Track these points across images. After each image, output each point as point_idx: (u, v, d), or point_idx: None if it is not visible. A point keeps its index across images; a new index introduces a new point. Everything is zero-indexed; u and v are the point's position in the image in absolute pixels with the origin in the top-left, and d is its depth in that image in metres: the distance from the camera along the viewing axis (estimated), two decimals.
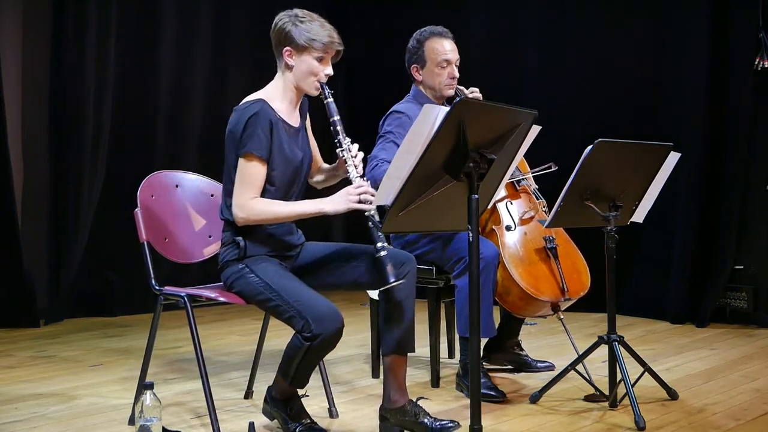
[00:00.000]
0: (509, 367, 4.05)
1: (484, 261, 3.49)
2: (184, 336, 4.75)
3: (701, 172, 5.36)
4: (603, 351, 3.45)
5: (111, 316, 5.55)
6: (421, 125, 2.54)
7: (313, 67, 3.03)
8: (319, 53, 3.02)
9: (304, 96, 3.13)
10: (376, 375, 3.91)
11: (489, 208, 3.26)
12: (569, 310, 3.78)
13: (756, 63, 5.15)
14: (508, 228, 3.78)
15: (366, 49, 6.86)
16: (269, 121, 2.96)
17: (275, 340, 4.66)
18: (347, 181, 3.01)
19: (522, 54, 6.19)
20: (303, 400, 3.06)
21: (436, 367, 3.78)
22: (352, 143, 3.04)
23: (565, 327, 3.69)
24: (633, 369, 3.39)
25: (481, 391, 2.70)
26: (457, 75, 3.79)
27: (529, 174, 3.95)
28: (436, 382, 3.77)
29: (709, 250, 5.35)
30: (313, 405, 3.26)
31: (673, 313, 5.42)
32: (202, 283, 3.34)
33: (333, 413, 3.32)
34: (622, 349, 3.35)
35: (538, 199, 3.97)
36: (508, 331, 4.02)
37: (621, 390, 3.32)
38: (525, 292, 3.62)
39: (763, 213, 5.27)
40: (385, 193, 2.60)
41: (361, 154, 3.04)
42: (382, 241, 2.89)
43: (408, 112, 3.71)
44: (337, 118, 3.03)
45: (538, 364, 4.04)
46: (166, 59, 5.93)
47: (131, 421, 3.16)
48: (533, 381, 3.83)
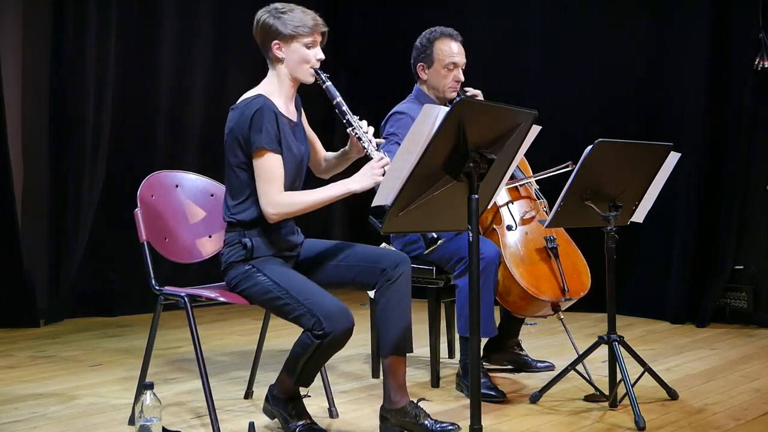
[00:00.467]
0: (509, 367, 4.05)
1: (485, 261, 3.49)
2: (184, 336, 4.74)
3: (701, 172, 5.36)
4: (603, 351, 3.45)
5: (111, 316, 5.54)
6: (421, 125, 2.54)
7: (304, 54, 3.04)
8: (307, 39, 3.03)
9: (298, 94, 3.14)
10: (376, 375, 3.91)
11: (490, 208, 3.26)
12: (569, 310, 3.78)
13: (756, 63, 5.15)
14: (509, 228, 3.78)
15: (368, 50, 6.86)
16: (274, 113, 2.96)
17: (275, 340, 4.66)
18: (354, 168, 3.01)
19: (524, 54, 6.19)
20: (304, 401, 3.06)
21: (436, 367, 3.78)
22: (360, 120, 3.05)
23: (565, 327, 3.69)
24: (633, 369, 3.39)
25: (481, 391, 2.70)
26: (462, 79, 3.79)
27: (534, 179, 3.95)
28: (436, 382, 3.77)
29: (709, 250, 5.34)
30: (313, 405, 3.26)
31: (673, 313, 5.42)
32: (202, 283, 3.34)
33: (333, 413, 3.32)
34: (622, 349, 3.35)
35: (538, 199, 3.97)
36: (508, 331, 4.02)
37: (621, 390, 3.32)
38: (526, 291, 3.62)
39: (763, 213, 5.27)
40: (385, 193, 2.60)
41: (372, 129, 3.06)
42: None
43: (410, 112, 3.71)
44: (339, 99, 3.06)
45: (538, 364, 4.04)
46: (166, 59, 5.93)
47: (131, 421, 3.16)
48: (533, 381, 3.83)
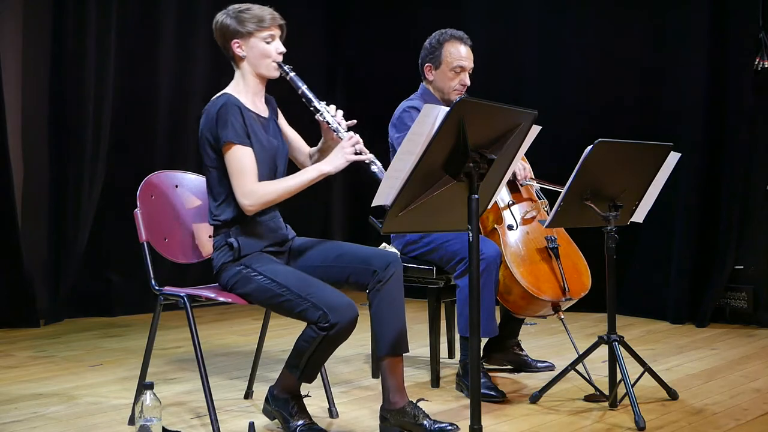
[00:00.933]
0: (509, 367, 4.05)
1: (486, 261, 3.49)
2: (184, 336, 4.74)
3: (701, 172, 5.36)
4: (603, 351, 3.45)
5: (111, 316, 5.54)
6: (421, 125, 2.54)
7: (264, 48, 3.07)
8: (264, 33, 3.06)
9: (271, 96, 3.17)
10: (376, 375, 3.91)
11: (490, 208, 3.26)
12: (569, 310, 3.78)
13: (756, 63, 5.15)
14: (510, 227, 3.79)
15: (366, 50, 6.86)
16: (238, 107, 3.00)
17: (275, 339, 4.67)
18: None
19: (522, 54, 6.19)
20: (304, 401, 3.06)
21: (436, 367, 3.78)
22: (328, 105, 3.07)
23: (565, 327, 3.69)
24: (633, 369, 3.39)
25: (481, 391, 2.70)
26: (468, 83, 3.79)
27: (535, 184, 3.96)
28: (436, 382, 3.77)
29: (709, 250, 5.34)
30: (313, 405, 3.26)
31: (673, 313, 5.42)
32: (202, 283, 3.34)
33: (333, 413, 3.32)
34: (622, 349, 3.35)
35: (539, 198, 3.98)
36: (508, 331, 4.02)
37: (621, 390, 3.32)
38: (526, 291, 3.62)
39: (763, 213, 5.27)
40: (385, 193, 2.60)
41: (340, 112, 3.07)
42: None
43: (419, 106, 3.72)
44: (304, 87, 3.07)
45: (538, 364, 4.04)
46: (166, 59, 5.93)
47: (131, 421, 3.16)
48: (533, 381, 3.83)
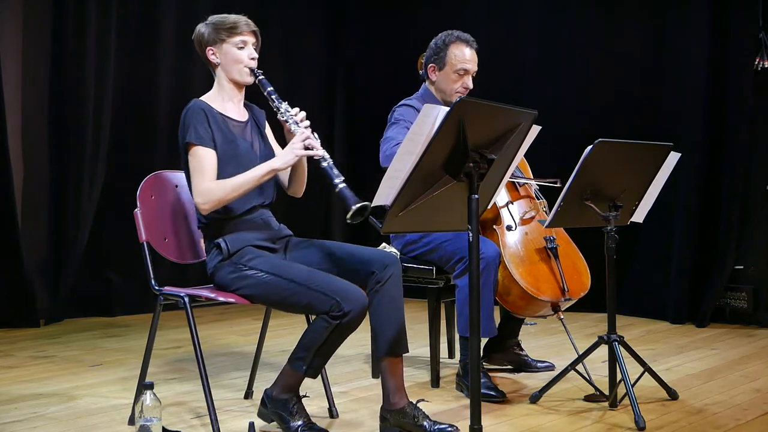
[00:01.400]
0: (509, 367, 4.05)
1: (485, 261, 3.49)
2: (184, 336, 4.75)
3: (701, 172, 5.37)
4: (603, 351, 3.45)
5: (111, 316, 5.55)
6: (421, 125, 2.54)
7: (236, 54, 3.14)
8: (235, 39, 3.13)
9: (258, 108, 3.22)
10: (376, 375, 3.91)
11: (490, 208, 3.26)
12: (569, 310, 3.78)
13: (756, 63, 5.15)
14: (509, 228, 3.78)
15: (365, 49, 6.86)
16: (202, 111, 3.06)
17: (275, 339, 4.67)
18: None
19: (522, 54, 6.19)
20: (303, 401, 3.06)
21: (436, 367, 3.78)
22: (290, 107, 3.10)
23: (565, 327, 3.68)
24: (633, 369, 3.39)
25: (481, 391, 2.70)
26: (470, 87, 3.79)
27: (533, 182, 3.96)
28: (436, 382, 3.77)
29: (709, 250, 5.35)
30: (313, 405, 3.26)
31: (673, 313, 5.42)
32: (202, 283, 3.34)
33: (333, 413, 3.32)
34: (622, 349, 3.35)
35: (538, 199, 3.97)
36: (508, 331, 4.02)
37: (621, 390, 3.32)
38: (525, 291, 3.62)
39: (763, 213, 5.27)
40: (385, 193, 2.60)
41: (303, 114, 3.09)
42: (338, 177, 2.92)
43: (417, 106, 3.72)
44: (270, 89, 3.11)
45: (538, 364, 4.04)
46: (166, 59, 5.93)
47: (131, 421, 3.16)
48: (533, 381, 3.83)
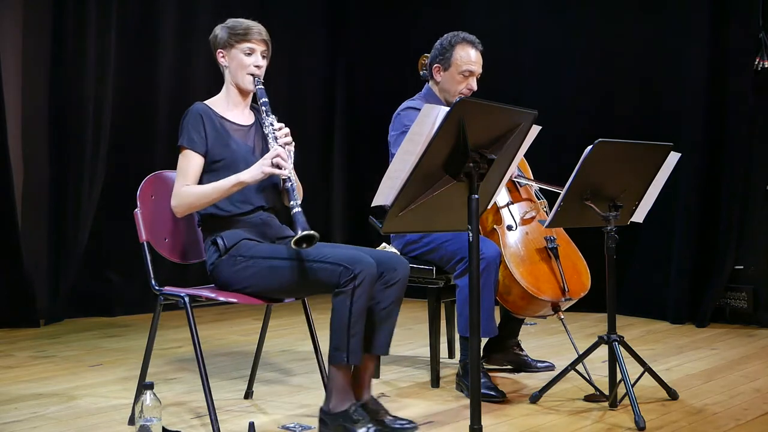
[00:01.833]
0: (509, 367, 4.05)
1: (485, 261, 3.49)
2: (184, 336, 4.74)
3: (701, 173, 5.36)
4: (603, 351, 3.45)
5: (111, 316, 5.54)
6: (421, 125, 2.54)
7: (242, 60, 3.17)
8: (244, 45, 3.16)
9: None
10: (376, 375, 3.90)
11: (490, 208, 3.26)
12: (569, 310, 3.78)
13: (756, 63, 5.15)
14: (510, 228, 3.78)
15: (365, 49, 6.86)
16: (200, 116, 3.09)
17: (275, 339, 4.67)
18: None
19: (521, 54, 6.19)
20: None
21: (436, 367, 3.78)
22: (277, 122, 3.12)
23: (565, 327, 3.68)
24: (633, 369, 3.39)
25: (481, 391, 2.70)
26: (474, 88, 3.79)
27: (534, 184, 3.96)
28: (436, 382, 3.77)
29: (709, 250, 5.35)
30: (313, 405, 3.26)
31: (673, 313, 5.42)
32: (202, 283, 3.34)
33: None
34: (622, 349, 3.34)
35: (539, 199, 3.97)
36: (508, 331, 4.02)
37: (621, 390, 3.32)
38: (526, 291, 3.62)
39: (763, 213, 5.27)
40: (385, 193, 2.60)
41: (286, 130, 3.11)
42: (295, 200, 2.94)
43: (420, 108, 3.71)
44: (264, 100, 3.14)
45: (538, 364, 4.04)
46: (166, 59, 5.93)
47: (131, 421, 3.16)
48: (533, 381, 3.83)
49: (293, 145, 3.12)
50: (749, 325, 5.22)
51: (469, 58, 3.77)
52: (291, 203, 2.95)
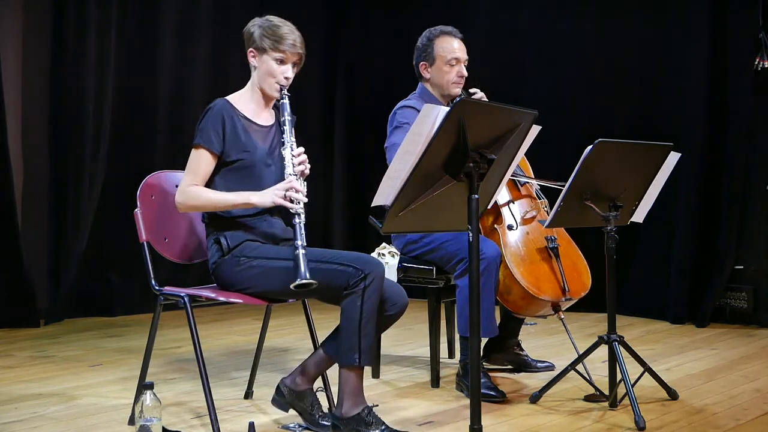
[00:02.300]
0: (509, 367, 4.05)
1: (486, 261, 3.49)
2: (184, 336, 4.74)
3: (701, 173, 5.36)
4: (603, 351, 3.45)
5: (111, 316, 5.54)
6: (420, 125, 2.54)
7: (272, 68, 3.10)
8: (276, 54, 3.08)
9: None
10: (376, 375, 3.91)
11: (491, 208, 3.26)
12: (569, 310, 3.78)
13: (756, 63, 5.15)
14: (510, 227, 3.78)
15: (365, 49, 6.86)
16: (222, 116, 3.04)
17: (275, 339, 4.67)
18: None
19: (522, 54, 6.19)
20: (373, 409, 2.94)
21: (436, 367, 3.78)
22: (297, 146, 3.06)
23: (565, 327, 3.69)
24: (633, 369, 3.39)
25: (481, 391, 2.70)
26: (465, 74, 3.81)
27: (538, 183, 3.96)
28: (436, 382, 3.77)
29: (709, 250, 5.35)
30: None
31: (673, 313, 5.42)
32: (202, 283, 3.34)
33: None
34: (622, 349, 3.35)
35: (539, 198, 3.97)
36: (508, 331, 4.02)
37: (621, 390, 3.32)
38: (526, 291, 3.62)
39: (763, 213, 5.27)
40: (385, 193, 2.60)
41: (303, 157, 3.06)
42: (302, 239, 2.88)
43: (417, 106, 3.73)
44: (288, 118, 3.08)
45: (538, 364, 4.04)
46: (166, 59, 5.93)
47: (131, 421, 3.16)
48: (533, 381, 3.83)
49: (308, 168, 3.06)
50: (749, 325, 5.22)
51: (451, 46, 3.79)
52: (296, 242, 2.86)
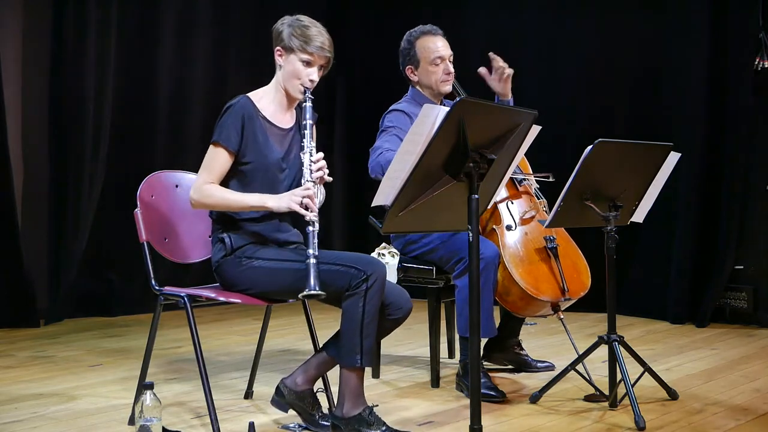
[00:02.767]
0: (509, 367, 4.05)
1: (484, 261, 3.49)
2: (184, 336, 4.74)
3: (701, 173, 5.36)
4: (603, 351, 3.45)
5: (111, 316, 5.54)
6: (420, 125, 2.54)
7: (298, 69, 3.06)
8: (303, 55, 3.04)
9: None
10: (376, 375, 3.91)
11: (489, 208, 3.26)
12: (569, 310, 3.78)
13: (756, 63, 5.15)
14: (509, 228, 3.78)
15: (364, 49, 6.87)
16: (242, 115, 3.01)
17: (275, 339, 4.67)
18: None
19: (522, 54, 6.17)
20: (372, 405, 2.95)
21: (436, 367, 3.78)
22: (315, 151, 3.03)
23: (565, 327, 3.68)
24: (633, 369, 3.39)
25: (481, 391, 2.70)
26: (452, 70, 3.80)
27: (530, 177, 3.96)
28: (436, 382, 3.77)
29: (709, 250, 5.35)
30: None
31: (673, 313, 5.42)
32: (202, 283, 3.34)
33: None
34: (622, 349, 3.34)
35: (538, 198, 3.97)
36: (508, 331, 4.02)
37: (621, 390, 3.32)
38: (525, 291, 3.62)
39: (763, 213, 5.27)
40: (385, 193, 2.60)
41: (322, 163, 3.02)
42: (314, 248, 2.84)
43: (407, 110, 3.73)
44: (309, 122, 3.03)
45: (538, 364, 4.04)
46: (166, 59, 5.93)
47: (131, 421, 3.16)
48: (533, 381, 3.83)
49: (326, 173, 3.01)
50: (749, 325, 5.22)
51: (435, 46, 3.78)
52: (308, 251, 2.83)
